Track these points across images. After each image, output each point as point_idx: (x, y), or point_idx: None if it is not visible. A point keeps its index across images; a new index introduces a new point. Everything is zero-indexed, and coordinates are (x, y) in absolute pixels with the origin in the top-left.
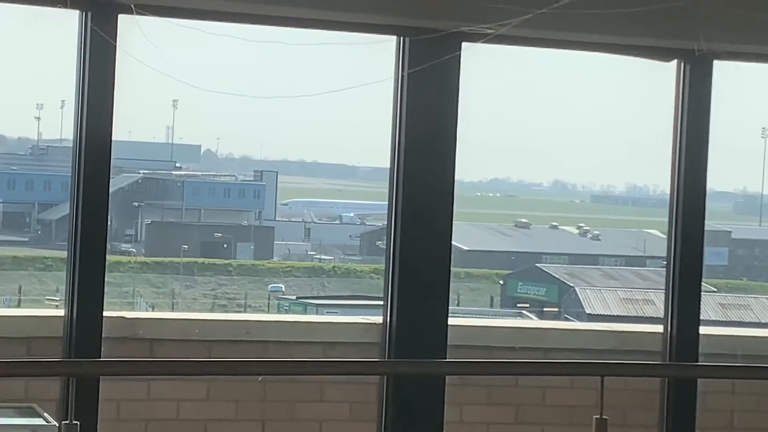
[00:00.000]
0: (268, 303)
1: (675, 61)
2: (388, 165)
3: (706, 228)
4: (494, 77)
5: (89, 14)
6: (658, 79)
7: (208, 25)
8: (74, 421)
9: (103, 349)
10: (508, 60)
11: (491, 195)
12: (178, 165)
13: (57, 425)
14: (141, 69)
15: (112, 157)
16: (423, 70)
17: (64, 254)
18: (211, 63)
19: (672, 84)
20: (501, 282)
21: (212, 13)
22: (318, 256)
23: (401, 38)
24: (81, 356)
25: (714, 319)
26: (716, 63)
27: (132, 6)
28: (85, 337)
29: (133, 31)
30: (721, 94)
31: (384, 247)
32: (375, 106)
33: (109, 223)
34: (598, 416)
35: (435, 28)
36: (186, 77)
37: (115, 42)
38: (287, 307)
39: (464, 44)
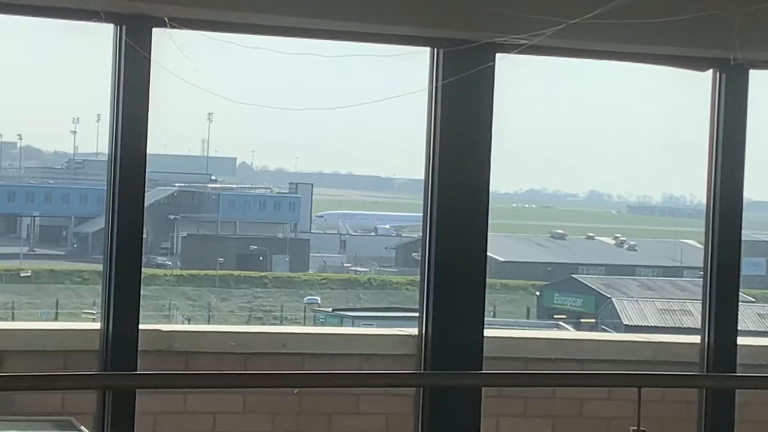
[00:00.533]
0: (304, 315)
1: (710, 70)
2: (422, 176)
3: (743, 238)
4: (529, 88)
5: (124, 28)
6: (693, 89)
7: (242, 38)
8: None
9: (139, 362)
10: (542, 70)
11: (527, 206)
12: (213, 178)
13: None
14: (176, 82)
15: (147, 171)
16: (457, 81)
17: (101, 267)
18: (246, 76)
19: (708, 93)
20: (537, 293)
21: (246, 26)
22: (353, 268)
23: (435, 49)
24: (117, 369)
25: (752, 329)
26: (752, 72)
27: (166, 19)
28: (122, 350)
29: (168, 45)
30: (758, 103)
31: (419, 258)
32: (410, 117)
33: (144, 236)
34: (635, 428)
35: (469, 39)
36: (221, 90)
37: (150, 55)
38: (323, 320)
39: (498, 55)
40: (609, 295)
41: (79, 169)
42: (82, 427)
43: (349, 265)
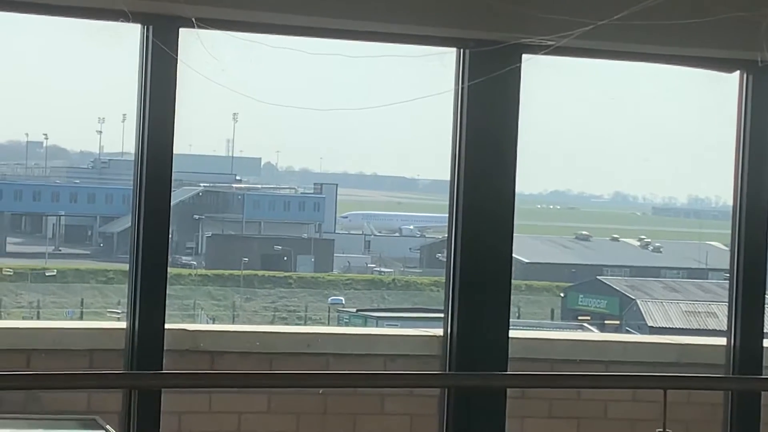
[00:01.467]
0: (329, 315)
1: (737, 72)
2: (447, 177)
3: None
4: (555, 89)
5: (151, 28)
6: (720, 90)
7: (268, 38)
8: None
9: (164, 361)
10: (568, 72)
11: (551, 207)
12: (238, 178)
13: None
14: (201, 82)
15: (173, 170)
16: (483, 82)
17: (126, 267)
18: (272, 76)
19: (734, 95)
20: (562, 294)
21: (273, 26)
22: (378, 269)
23: (461, 50)
24: (143, 368)
25: None
26: None
27: (193, 20)
28: (147, 350)
29: (194, 45)
30: None
31: (444, 259)
32: (435, 118)
33: (170, 235)
34: (660, 429)
35: (495, 40)
36: (246, 90)
37: (177, 55)
38: (347, 320)
39: (524, 56)
40: (633, 297)
41: (105, 169)
42: (108, 426)
43: (374, 265)
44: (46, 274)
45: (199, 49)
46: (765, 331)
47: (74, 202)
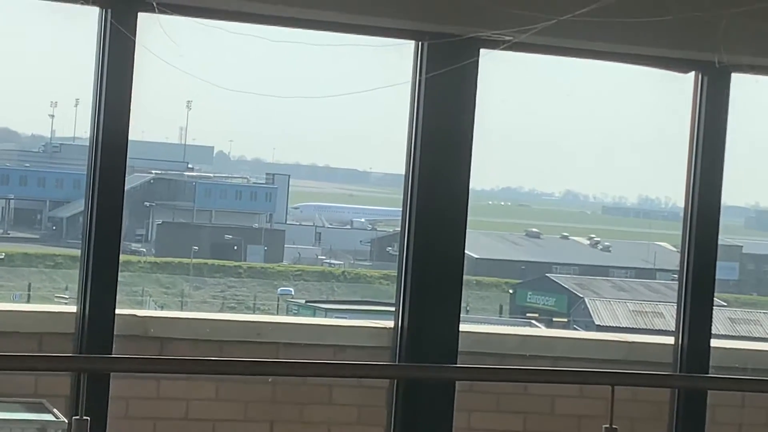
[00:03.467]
0: (278, 306)
1: (693, 72)
2: (399, 171)
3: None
4: (510, 85)
5: (109, 11)
6: (674, 91)
7: (227, 25)
8: (84, 417)
9: (114, 346)
10: (525, 68)
11: (502, 203)
12: (190, 166)
13: (66, 421)
14: (157, 68)
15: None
16: (440, 76)
17: (75, 252)
18: (229, 64)
19: (689, 96)
20: (510, 291)
21: (233, 13)
22: (328, 261)
23: (420, 43)
24: (92, 353)
25: (723, 333)
26: (734, 76)
27: (154, 4)
28: (97, 334)
29: (152, 30)
30: (738, 106)
31: (394, 253)
32: (390, 111)
33: None
34: (607, 426)
35: (454, 34)
36: (204, 76)
37: (135, 38)
38: (296, 311)
39: (482, 50)
40: (582, 295)
41: (56, 153)
42: (55, 410)
43: (324, 257)
44: None
45: (158, 34)
46: (712, 331)
47: (24, 185)
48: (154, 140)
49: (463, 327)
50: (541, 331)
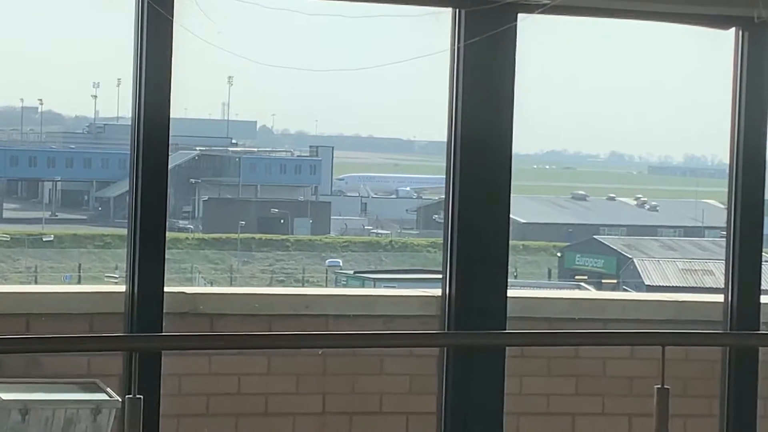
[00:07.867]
0: (326, 278)
1: (733, 28)
2: (443, 139)
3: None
4: (550, 48)
5: None
6: (716, 48)
7: (264, 1)
8: (138, 396)
9: (164, 324)
10: (564, 31)
11: (548, 167)
12: (234, 141)
13: (120, 400)
14: (197, 45)
15: (170, 134)
16: (479, 42)
17: (123, 231)
18: (267, 39)
19: (730, 52)
20: (558, 254)
21: None
22: (375, 231)
23: (457, 10)
24: (143, 331)
25: None
26: None
27: None
28: (147, 313)
29: (190, 7)
30: None
31: (440, 220)
32: (431, 79)
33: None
34: (659, 386)
35: (491, 0)
36: (242, 53)
37: (172, 17)
38: (345, 282)
39: (520, 15)
40: (630, 256)
41: (100, 134)
42: (108, 389)
43: (371, 227)
44: (44, 240)
45: (195, 12)
46: (762, 287)
47: (70, 167)
48: (198, 117)
49: (512, 292)
50: (590, 293)
